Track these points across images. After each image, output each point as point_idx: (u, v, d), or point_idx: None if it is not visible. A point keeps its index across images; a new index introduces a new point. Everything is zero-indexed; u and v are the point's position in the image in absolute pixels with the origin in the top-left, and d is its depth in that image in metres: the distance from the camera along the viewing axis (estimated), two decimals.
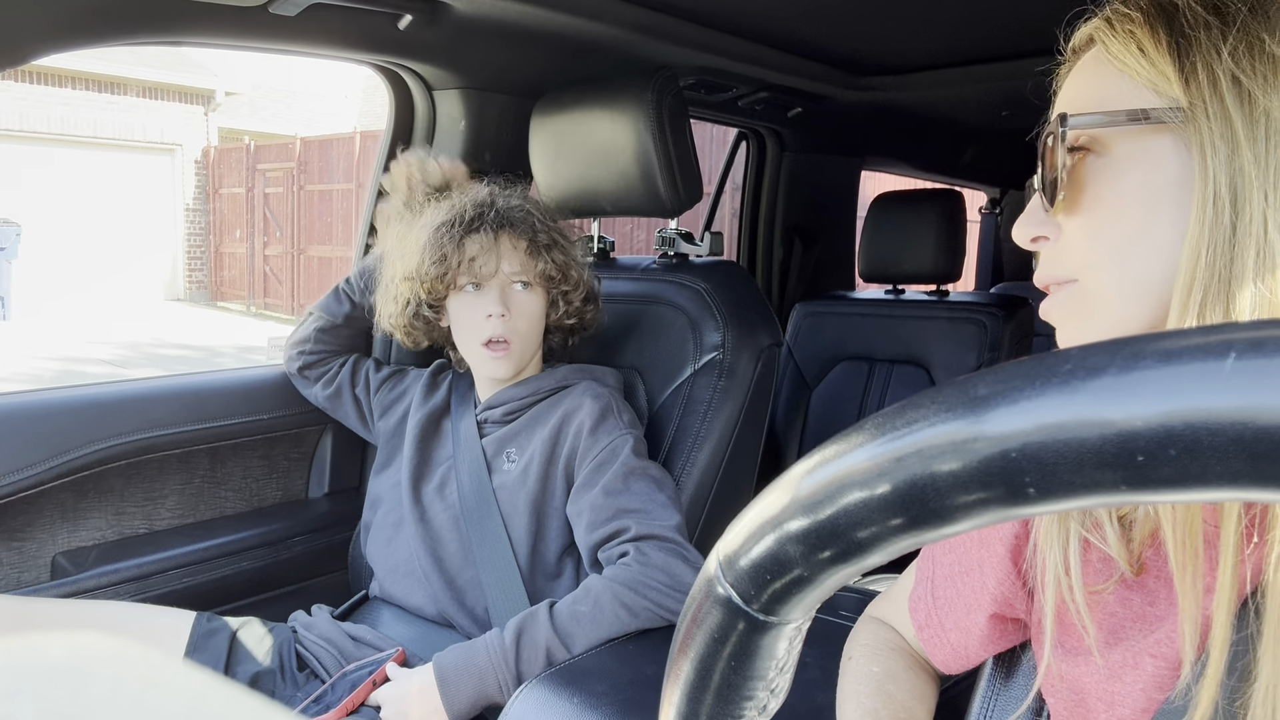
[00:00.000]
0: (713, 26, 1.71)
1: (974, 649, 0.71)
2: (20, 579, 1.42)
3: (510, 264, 1.39)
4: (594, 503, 1.30)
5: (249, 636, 1.38)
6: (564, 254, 1.43)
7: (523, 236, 1.40)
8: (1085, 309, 0.57)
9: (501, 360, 1.41)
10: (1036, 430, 0.22)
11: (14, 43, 1.15)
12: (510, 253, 1.40)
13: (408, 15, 1.44)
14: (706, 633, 0.29)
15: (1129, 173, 0.54)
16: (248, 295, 13.39)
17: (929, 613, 0.75)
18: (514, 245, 1.40)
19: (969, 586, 0.71)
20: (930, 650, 0.75)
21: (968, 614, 0.71)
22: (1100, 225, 0.55)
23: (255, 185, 13.07)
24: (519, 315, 1.40)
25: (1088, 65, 0.57)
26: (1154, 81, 0.52)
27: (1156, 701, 0.57)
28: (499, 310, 1.38)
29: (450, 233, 1.37)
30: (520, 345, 1.42)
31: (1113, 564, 0.60)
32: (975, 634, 0.71)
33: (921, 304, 2.41)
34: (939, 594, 0.74)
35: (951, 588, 0.73)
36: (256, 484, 1.71)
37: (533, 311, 1.42)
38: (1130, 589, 0.60)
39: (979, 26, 1.75)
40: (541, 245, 1.41)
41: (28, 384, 7.05)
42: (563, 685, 1.05)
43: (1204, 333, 0.21)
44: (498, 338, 1.39)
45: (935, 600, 0.75)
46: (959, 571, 0.72)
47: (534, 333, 1.44)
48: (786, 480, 0.27)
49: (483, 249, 1.37)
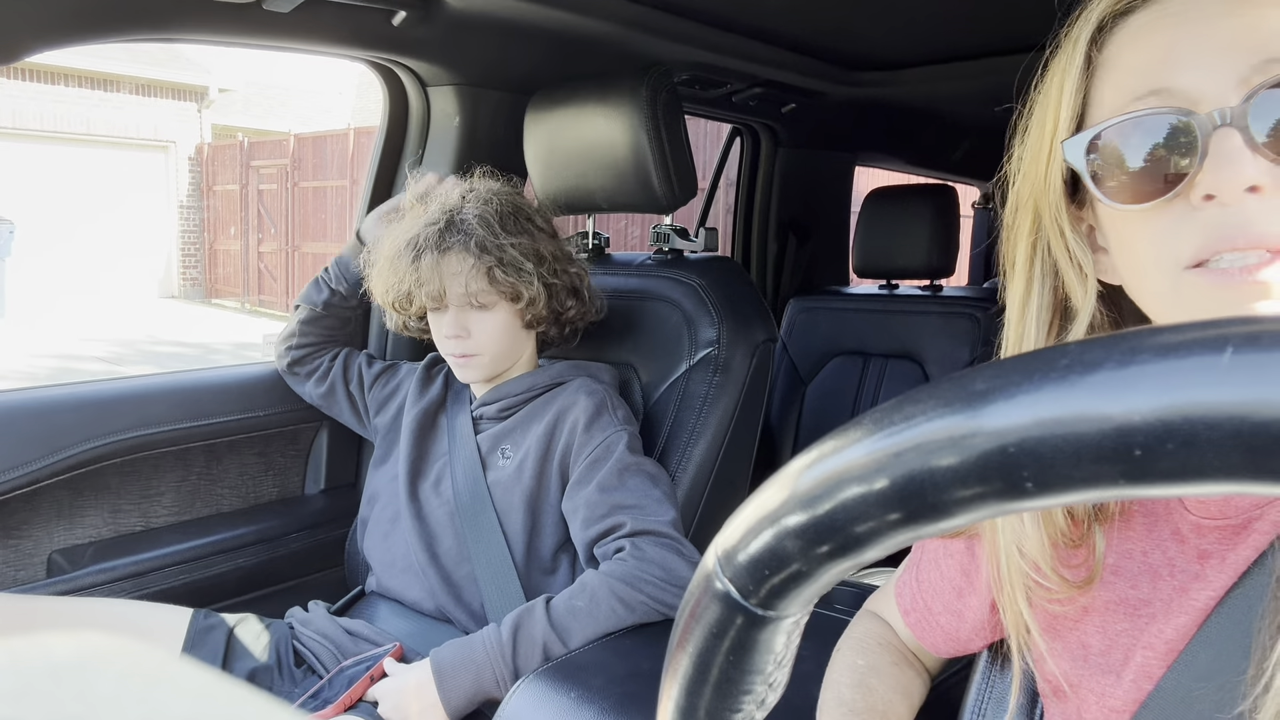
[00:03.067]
0: (706, 22, 1.71)
1: (966, 634, 0.72)
2: (16, 577, 1.42)
3: (456, 286, 1.36)
4: (589, 499, 1.30)
5: (246, 633, 1.38)
6: (512, 272, 1.36)
7: (468, 257, 1.35)
8: None
9: (468, 368, 1.42)
10: (1034, 425, 0.22)
11: (7, 39, 1.14)
12: (454, 276, 1.35)
13: (401, 11, 1.43)
14: (705, 627, 0.29)
15: None
16: (242, 292, 13.36)
17: (914, 596, 0.75)
18: (459, 267, 1.35)
19: (955, 570, 0.71)
20: (919, 634, 0.76)
21: (958, 598, 0.71)
22: None
23: (249, 182, 13.03)
24: (479, 333, 1.39)
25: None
26: None
27: (1145, 691, 0.57)
28: (453, 332, 1.38)
29: (403, 257, 1.35)
30: (488, 357, 1.41)
31: (1089, 561, 0.61)
32: (969, 619, 0.71)
33: (915, 299, 2.42)
34: (923, 578, 0.75)
35: (936, 571, 0.73)
36: (253, 481, 1.71)
37: (493, 327, 1.39)
38: (1115, 577, 0.60)
39: (972, 21, 1.75)
40: (485, 267, 1.36)
41: (22, 382, 7.03)
42: (560, 680, 1.06)
43: (1200, 327, 0.21)
44: (459, 354, 1.40)
45: (920, 584, 0.75)
46: (944, 554, 0.72)
47: (501, 344, 1.41)
48: (785, 475, 0.27)
49: (430, 272, 1.34)
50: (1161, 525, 0.59)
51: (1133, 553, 0.60)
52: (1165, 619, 0.57)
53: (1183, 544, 0.58)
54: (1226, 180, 0.49)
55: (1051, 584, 0.59)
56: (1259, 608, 0.51)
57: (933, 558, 0.74)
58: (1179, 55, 0.52)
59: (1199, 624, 0.55)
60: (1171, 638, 0.56)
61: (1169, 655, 0.56)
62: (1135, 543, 0.60)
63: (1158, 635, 0.57)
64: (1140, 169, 0.52)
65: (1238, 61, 0.50)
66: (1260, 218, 0.49)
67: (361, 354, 1.66)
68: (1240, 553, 0.54)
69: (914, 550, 0.79)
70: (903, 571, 0.79)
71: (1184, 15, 0.52)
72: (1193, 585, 0.56)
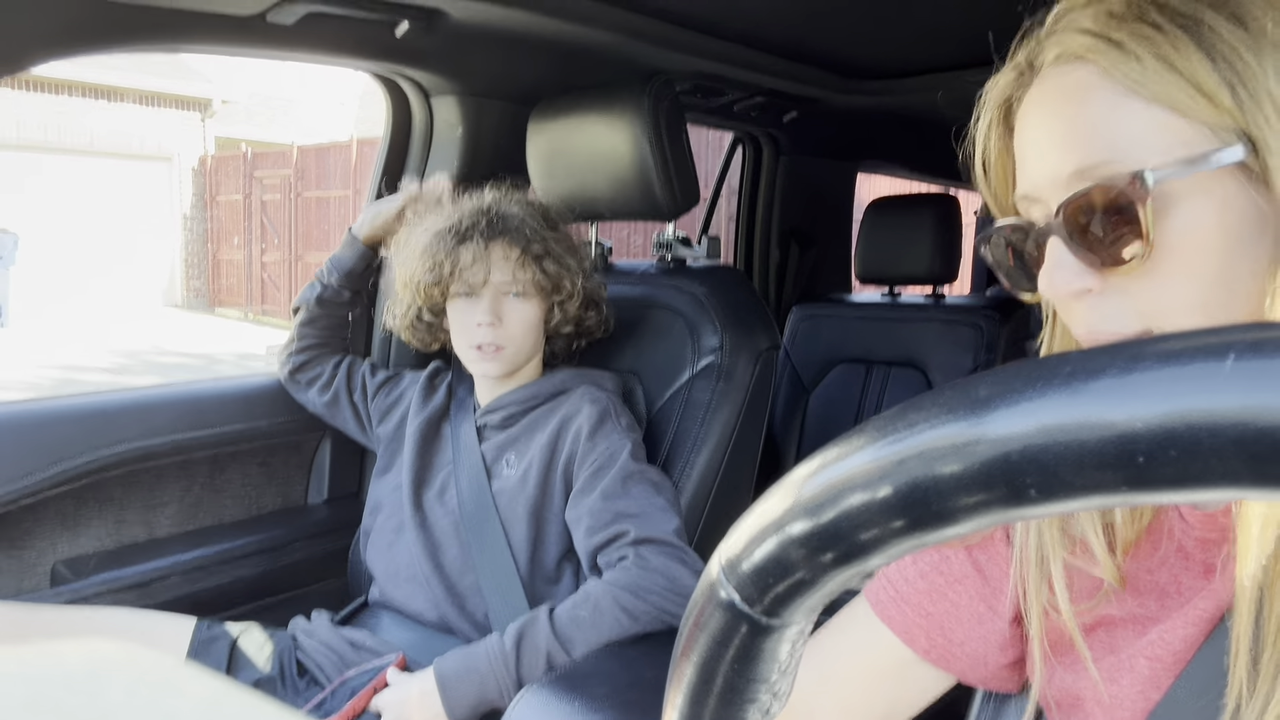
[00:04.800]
0: (708, 32, 1.71)
1: (994, 656, 0.69)
2: (20, 587, 1.42)
3: (501, 273, 1.39)
4: (592, 507, 1.30)
5: (249, 643, 1.38)
6: (557, 263, 1.42)
7: (515, 245, 1.39)
8: None
9: (492, 361, 1.40)
10: (1038, 432, 0.22)
11: (11, 50, 1.15)
12: (501, 262, 1.39)
13: (404, 22, 1.44)
14: (709, 636, 0.29)
15: (1200, 216, 0.50)
16: (245, 302, 13.39)
17: (929, 635, 0.69)
18: (506, 255, 1.39)
19: (967, 594, 0.68)
20: (946, 666, 0.71)
21: (979, 624, 0.68)
22: (1172, 275, 0.51)
23: (252, 192, 13.07)
24: (511, 323, 1.40)
25: (1080, 92, 0.52)
26: (1207, 114, 0.49)
27: (1153, 700, 0.57)
28: (488, 319, 1.38)
29: (444, 241, 1.37)
30: (513, 349, 1.41)
31: (1098, 582, 0.60)
32: (994, 641, 0.68)
33: (918, 307, 2.42)
34: (932, 610, 0.69)
35: (944, 600, 0.69)
36: (256, 490, 1.71)
37: (526, 319, 1.42)
38: (1122, 597, 0.60)
39: (973, 30, 1.75)
40: (533, 255, 1.40)
41: (26, 393, 7.04)
42: (563, 689, 1.05)
43: (1203, 334, 0.21)
44: (487, 344, 1.39)
45: (929, 618, 0.69)
46: (944, 584, 0.69)
47: (528, 338, 1.43)
48: (788, 483, 0.27)
49: (474, 258, 1.37)
50: (1165, 545, 0.59)
51: (1139, 570, 0.60)
52: (1171, 629, 0.57)
53: (1187, 560, 0.58)
54: (1051, 287, 0.54)
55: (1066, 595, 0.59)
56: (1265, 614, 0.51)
57: (927, 590, 0.69)
58: (1032, 155, 0.56)
59: (1206, 634, 0.55)
60: (1179, 649, 0.56)
61: (1176, 666, 0.56)
62: (1141, 560, 0.60)
63: (1164, 645, 0.57)
64: (1013, 267, 0.60)
65: (1062, 168, 0.53)
66: (1095, 316, 0.54)
67: (365, 363, 1.66)
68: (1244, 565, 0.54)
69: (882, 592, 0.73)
70: (887, 605, 0.71)
71: (1039, 106, 0.56)
72: (1198, 599, 0.56)
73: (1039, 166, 0.55)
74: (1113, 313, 0.53)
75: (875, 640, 0.70)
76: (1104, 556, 0.58)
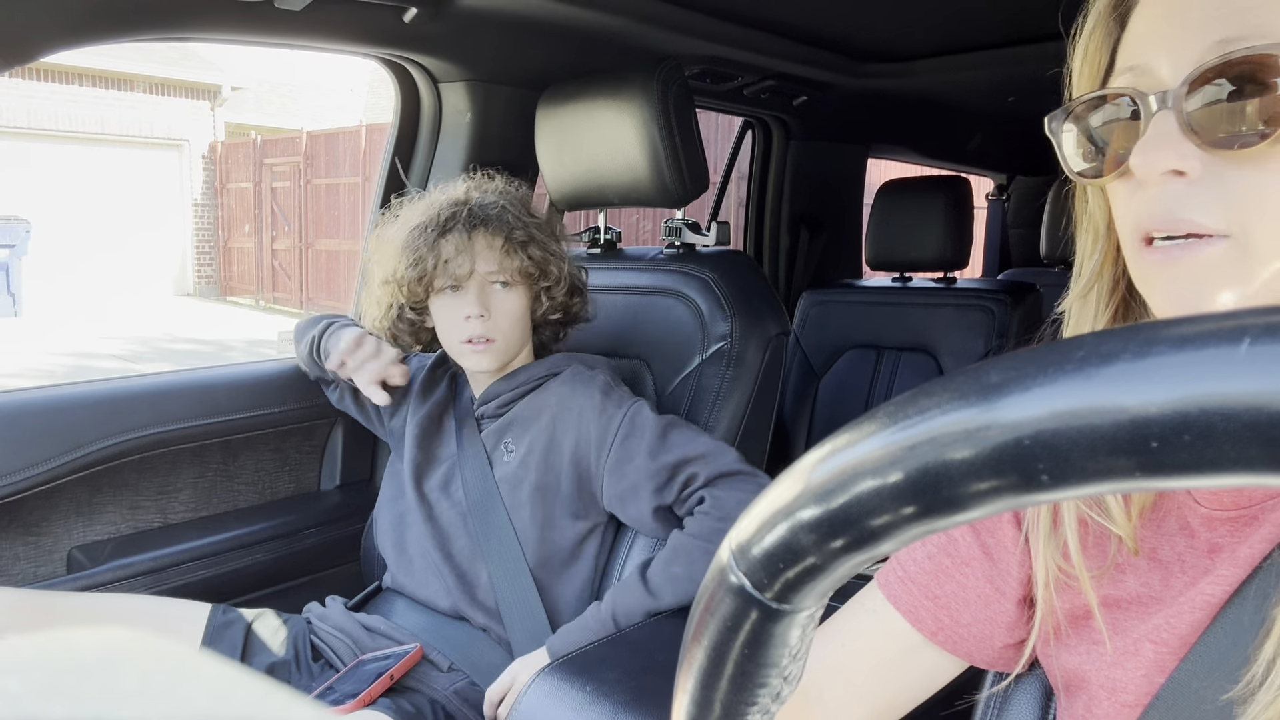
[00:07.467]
0: (717, 15, 1.71)
1: (1000, 636, 0.69)
2: (37, 573, 1.43)
3: (486, 263, 1.37)
4: (647, 470, 1.30)
5: (264, 628, 1.39)
6: (541, 249, 1.40)
7: (498, 234, 1.37)
8: (1244, 271, 0.49)
9: (483, 354, 1.39)
10: (1050, 417, 0.22)
11: (22, 40, 1.15)
12: (486, 251, 1.37)
13: (412, 8, 1.44)
14: (720, 621, 0.29)
15: None
16: (256, 290, 13.43)
17: (936, 617, 0.69)
18: (489, 244, 1.37)
19: (974, 576, 0.69)
20: (952, 648, 0.72)
21: (986, 606, 0.68)
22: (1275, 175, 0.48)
23: (262, 180, 13.09)
24: (499, 314, 1.38)
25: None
26: None
27: (1157, 684, 0.57)
28: (477, 311, 1.35)
29: (425, 235, 1.35)
30: (504, 342, 1.40)
31: (1106, 548, 0.60)
32: (1001, 622, 0.68)
33: (929, 291, 2.41)
34: (939, 592, 0.69)
35: (951, 582, 0.69)
36: (269, 477, 1.72)
37: (513, 309, 1.40)
38: (1125, 573, 0.60)
39: (984, 11, 1.74)
40: (517, 242, 1.38)
41: (40, 380, 7.09)
42: (574, 674, 1.06)
43: (1218, 318, 0.21)
44: (477, 336, 1.37)
45: (936, 600, 0.70)
46: (951, 566, 0.69)
47: (517, 329, 1.41)
48: (799, 469, 0.27)
49: (458, 250, 1.35)
50: (1170, 519, 0.59)
51: (1144, 542, 0.59)
52: (1176, 613, 0.56)
53: (1192, 538, 0.57)
54: (1147, 164, 0.50)
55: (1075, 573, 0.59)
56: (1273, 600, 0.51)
57: (933, 570, 0.70)
58: (1155, 32, 0.53)
59: (1212, 617, 0.55)
60: (1184, 632, 0.56)
61: (1181, 649, 0.56)
62: (1143, 539, 0.59)
63: (1170, 629, 0.57)
64: (1096, 146, 0.55)
65: (1196, 42, 0.50)
66: (1179, 203, 0.50)
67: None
68: (1251, 545, 0.54)
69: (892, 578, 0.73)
70: (893, 584, 0.72)
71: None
72: (1203, 579, 0.56)
73: (1171, 34, 0.52)
74: (1202, 201, 0.49)
75: (883, 624, 0.70)
76: (1120, 515, 0.58)
